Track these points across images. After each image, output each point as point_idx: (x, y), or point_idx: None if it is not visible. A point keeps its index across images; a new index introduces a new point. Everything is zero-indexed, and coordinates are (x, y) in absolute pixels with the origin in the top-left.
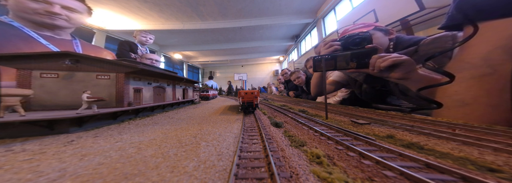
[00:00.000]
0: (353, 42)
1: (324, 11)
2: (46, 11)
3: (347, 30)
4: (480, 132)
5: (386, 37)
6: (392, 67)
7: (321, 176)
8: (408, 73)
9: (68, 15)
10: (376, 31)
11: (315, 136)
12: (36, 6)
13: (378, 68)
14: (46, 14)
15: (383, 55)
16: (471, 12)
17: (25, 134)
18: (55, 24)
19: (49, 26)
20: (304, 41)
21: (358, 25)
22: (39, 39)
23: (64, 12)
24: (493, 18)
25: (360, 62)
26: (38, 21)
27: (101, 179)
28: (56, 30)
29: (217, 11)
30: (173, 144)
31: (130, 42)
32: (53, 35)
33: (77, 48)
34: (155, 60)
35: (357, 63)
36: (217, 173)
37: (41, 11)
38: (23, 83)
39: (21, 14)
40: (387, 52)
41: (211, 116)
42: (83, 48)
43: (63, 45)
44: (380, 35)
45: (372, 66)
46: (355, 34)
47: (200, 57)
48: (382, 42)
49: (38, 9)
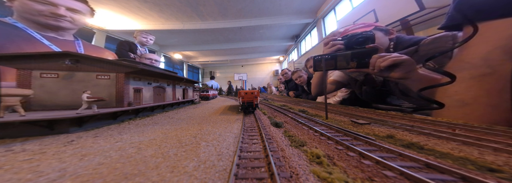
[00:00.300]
0: (357, 41)
1: (324, 11)
2: (51, 13)
3: (348, 30)
4: (480, 132)
5: (386, 37)
6: (392, 67)
7: (321, 176)
8: (408, 73)
9: (72, 17)
10: (376, 31)
11: (315, 136)
12: (41, 8)
13: (378, 67)
14: (51, 16)
15: (383, 55)
16: (470, 12)
17: (25, 134)
18: (60, 26)
19: (54, 27)
20: (304, 41)
21: (358, 25)
22: (42, 40)
23: (69, 13)
24: (493, 18)
25: (361, 61)
26: (43, 23)
27: (101, 179)
28: (59, 31)
29: (217, 11)
30: (173, 144)
31: (129, 42)
32: (56, 36)
33: (79, 49)
34: (155, 60)
35: (357, 63)
36: (217, 173)
37: (47, 13)
38: (23, 83)
39: (27, 16)
40: (388, 52)
41: (211, 116)
42: (85, 48)
43: (66, 46)
44: (380, 35)
45: (372, 65)
46: (358, 33)
47: (200, 57)
48: (382, 42)
49: (43, 11)
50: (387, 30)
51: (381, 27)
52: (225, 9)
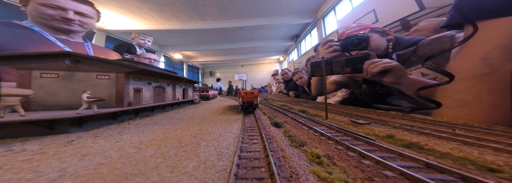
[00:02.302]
0: (352, 43)
1: (324, 11)
2: (62, 18)
3: (344, 33)
4: (480, 132)
5: (384, 38)
6: (384, 72)
7: (321, 176)
8: (399, 78)
9: (81, 20)
10: (372, 33)
11: (315, 136)
12: (53, 12)
13: (371, 73)
14: (62, 21)
15: (375, 61)
16: (470, 12)
17: (25, 134)
18: (71, 30)
19: (66, 31)
20: (304, 41)
21: (354, 28)
22: (57, 42)
23: (77, 17)
24: (493, 17)
25: (354, 67)
26: (56, 27)
27: (101, 179)
28: (70, 34)
29: (217, 11)
30: (173, 144)
31: (128, 44)
32: (68, 38)
33: (89, 50)
34: (154, 59)
35: (351, 68)
36: (217, 173)
37: (58, 17)
38: (23, 83)
39: (41, 20)
40: (386, 53)
41: (211, 116)
42: (94, 50)
43: (77, 47)
44: (376, 37)
45: (365, 71)
46: (353, 35)
47: (200, 57)
48: (379, 44)
49: (55, 15)
50: (383, 31)
51: (378, 28)
52: (225, 9)
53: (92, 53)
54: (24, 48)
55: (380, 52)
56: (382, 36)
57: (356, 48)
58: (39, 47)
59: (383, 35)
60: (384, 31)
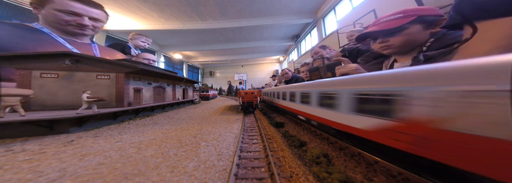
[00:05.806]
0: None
1: (324, 11)
2: (78, 24)
3: (378, 21)
4: None
5: (427, 31)
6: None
7: (321, 176)
8: None
9: (93, 25)
10: (413, 25)
11: (315, 136)
12: (68, 18)
13: None
14: (78, 26)
15: (340, 67)
16: (469, 12)
17: (25, 134)
18: (85, 34)
19: (79, 35)
20: (304, 41)
21: (394, 15)
22: (65, 44)
23: (91, 22)
24: (493, 17)
25: (332, 72)
26: (70, 32)
27: (101, 179)
28: (78, 36)
29: (217, 11)
30: (173, 144)
31: (123, 44)
32: (76, 40)
33: (95, 51)
34: (152, 60)
35: (331, 73)
36: (217, 173)
37: (73, 23)
38: (23, 83)
39: (56, 25)
40: (419, 50)
41: (211, 116)
42: (100, 50)
43: (85, 48)
44: (415, 30)
45: (337, 74)
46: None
47: (200, 57)
48: (413, 39)
49: (70, 21)
50: (434, 21)
51: (430, 16)
52: (225, 9)
53: (98, 53)
54: (33, 49)
55: (409, 49)
56: (427, 28)
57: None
58: (48, 48)
59: (429, 26)
60: (436, 21)
